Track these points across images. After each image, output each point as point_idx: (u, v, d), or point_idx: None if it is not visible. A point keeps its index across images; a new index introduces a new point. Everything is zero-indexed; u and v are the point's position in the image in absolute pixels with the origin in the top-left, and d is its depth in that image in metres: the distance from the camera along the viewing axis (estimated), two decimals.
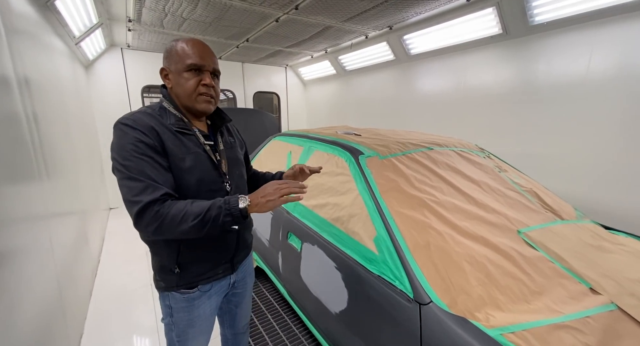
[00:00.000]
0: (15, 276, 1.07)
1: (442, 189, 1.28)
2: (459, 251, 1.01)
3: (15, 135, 1.22)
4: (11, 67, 1.26)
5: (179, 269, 0.91)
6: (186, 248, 0.90)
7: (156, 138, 0.81)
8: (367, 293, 1.09)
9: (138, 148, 0.78)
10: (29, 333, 1.11)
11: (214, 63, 0.90)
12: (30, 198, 1.29)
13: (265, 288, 2.31)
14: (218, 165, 0.93)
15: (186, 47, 0.87)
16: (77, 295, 1.88)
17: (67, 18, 2.31)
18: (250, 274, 1.17)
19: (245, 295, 1.16)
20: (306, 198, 1.59)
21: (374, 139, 1.64)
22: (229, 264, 1.01)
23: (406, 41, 3.53)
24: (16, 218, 1.14)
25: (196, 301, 0.96)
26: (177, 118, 0.89)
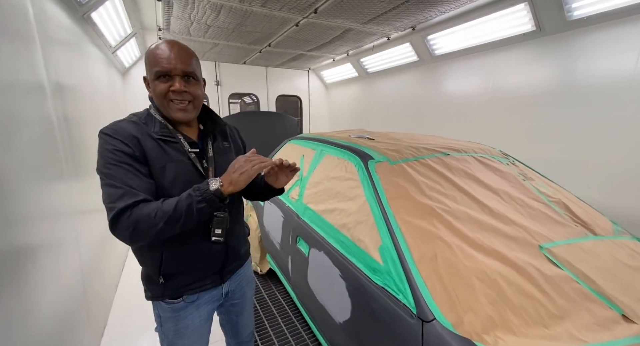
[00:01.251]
0: (39, 270, 1.15)
1: (456, 197, 1.20)
2: (469, 265, 0.93)
3: (46, 138, 1.33)
4: (45, 74, 1.37)
5: (164, 279, 0.90)
6: (169, 258, 0.89)
7: (136, 146, 0.81)
8: (370, 305, 1.05)
9: (117, 156, 0.78)
10: (50, 322, 1.19)
11: (184, 65, 0.84)
12: (57, 197, 1.40)
13: (277, 290, 2.31)
14: (205, 173, 0.91)
15: (156, 51, 0.83)
16: (102, 288, 2.01)
17: (102, 29, 2.50)
18: (249, 283, 1.14)
19: (245, 304, 1.14)
20: (315, 203, 1.57)
21: (387, 144, 1.58)
22: (218, 275, 0.99)
23: (430, 41, 3.41)
24: (44, 215, 1.24)
25: (182, 312, 0.95)
26: (162, 126, 0.88)
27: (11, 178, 1.02)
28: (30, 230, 1.11)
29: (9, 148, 1.03)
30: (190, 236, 0.89)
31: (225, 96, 5.23)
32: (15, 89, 1.10)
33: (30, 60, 1.25)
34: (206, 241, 0.90)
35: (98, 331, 1.80)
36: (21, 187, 1.07)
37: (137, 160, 0.80)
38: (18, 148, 1.09)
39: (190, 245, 0.91)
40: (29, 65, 1.24)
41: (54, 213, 1.34)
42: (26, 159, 1.14)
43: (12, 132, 1.07)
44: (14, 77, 1.10)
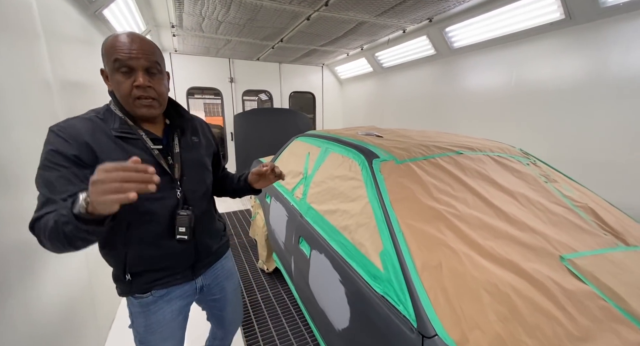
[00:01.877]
0: (42, 264, 1.17)
1: (467, 201, 1.11)
2: (478, 276, 0.85)
3: None
4: (49, 70, 1.38)
5: (131, 277, 0.88)
6: (133, 258, 0.86)
7: (82, 147, 0.74)
8: (369, 315, 0.98)
9: (54, 158, 0.71)
10: (54, 315, 1.21)
11: (147, 56, 0.77)
12: None
13: (283, 289, 2.28)
14: (170, 171, 0.87)
15: (115, 41, 0.76)
16: (111, 282, 2.04)
17: (115, 26, 2.54)
18: (228, 278, 1.11)
19: (227, 299, 1.12)
20: (318, 203, 1.51)
21: (395, 141, 1.50)
22: (190, 270, 0.96)
23: (448, 34, 3.24)
24: None
25: (152, 306, 0.92)
26: (122, 122, 0.82)
27: (17, 173, 1.03)
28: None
29: (13, 143, 1.04)
30: (153, 235, 0.86)
31: (239, 93, 5.25)
32: (20, 85, 1.11)
33: (34, 59, 1.26)
34: (171, 240, 0.87)
35: (106, 325, 1.83)
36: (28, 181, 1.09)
37: (76, 164, 0.73)
38: (22, 144, 1.10)
39: (154, 245, 0.87)
40: (33, 63, 1.25)
41: None
42: (30, 154, 1.15)
43: (17, 128, 1.08)
44: (17, 74, 1.11)
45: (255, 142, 4.82)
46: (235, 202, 4.76)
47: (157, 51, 0.83)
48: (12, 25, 1.13)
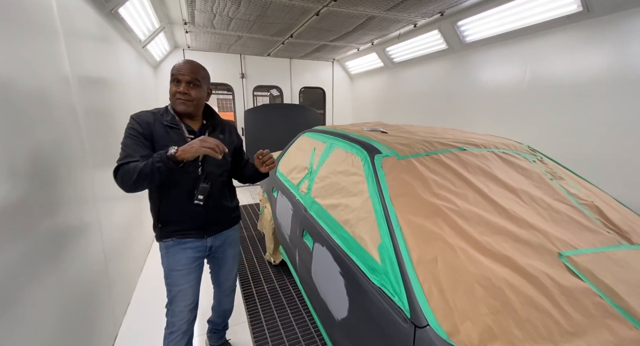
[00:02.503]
0: (67, 248, 1.25)
1: (467, 197, 1.12)
2: (473, 270, 0.86)
3: (68, 127, 1.43)
4: (68, 66, 1.46)
5: (161, 225, 1.25)
6: (164, 210, 1.23)
7: (146, 126, 1.16)
8: (367, 306, 1.01)
9: (132, 131, 1.15)
10: (73, 297, 1.30)
11: (190, 75, 1.17)
12: (81, 183, 1.50)
13: (289, 281, 2.34)
14: (197, 156, 1.12)
15: (176, 65, 1.19)
16: (126, 269, 2.15)
17: (131, 24, 2.62)
18: (231, 245, 1.44)
19: (225, 261, 1.44)
20: (322, 197, 1.54)
21: (399, 137, 1.51)
22: (201, 230, 1.29)
23: (461, 28, 3.17)
24: (68, 200, 1.34)
25: (171, 249, 1.26)
26: (172, 117, 1.22)
27: (43, 165, 1.10)
28: (52, 215, 1.21)
29: (35, 138, 1.12)
30: (178, 197, 1.22)
31: (250, 88, 5.31)
32: (36, 81, 1.19)
33: (54, 55, 1.34)
34: (190, 203, 1.22)
35: (120, 310, 1.94)
36: (52, 173, 1.17)
37: (143, 136, 1.14)
38: (43, 138, 1.18)
39: (179, 203, 1.23)
40: (53, 59, 1.33)
41: (77, 199, 1.45)
42: (50, 147, 1.23)
43: (38, 123, 1.15)
44: (35, 70, 1.18)
45: (265, 137, 4.88)
46: (245, 196, 4.86)
47: (200, 72, 1.21)
48: (34, 24, 1.20)
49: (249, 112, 4.91)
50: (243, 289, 2.26)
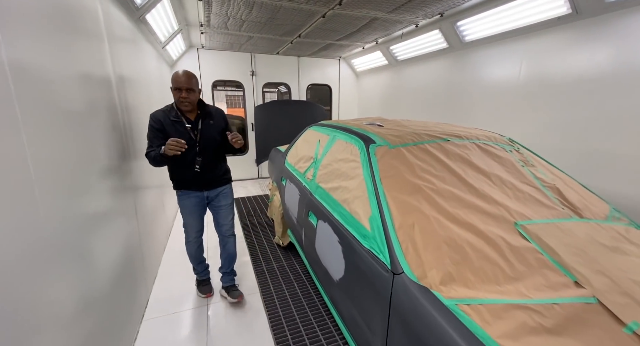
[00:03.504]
0: (108, 228, 1.52)
1: (445, 179, 1.33)
2: (442, 233, 1.09)
3: (112, 123, 1.69)
4: (111, 68, 1.72)
5: (174, 182, 1.91)
6: (175, 174, 1.88)
7: (159, 123, 1.75)
8: (358, 264, 1.25)
9: (151, 127, 1.76)
10: (119, 267, 1.58)
11: (187, 85, 1.70)
12: (121, 174, 1.77)
13: (296, 261, 2.59)
14: (194, 138, 1.79)
15: (175, 76, 1.71)
16: (154, 248, 2.44)
17: (154, 27, 2.88)
18: (224, 198, 2.01)
19: (221, 208, 2.01)
20: (325, 182, 1.78)
21: (393, 130, 1.72)
22: (199, 186, 1.91)
23: (460, 28, 3.34)
24: (112, 187, 1.61)
25: (181, 196, 1.92)
26: (175, 113, 1.78)
27: (90, 158, 1.37)
28: (106, 198, 1.47)
29: (87, 131, 1.38)
30: (183, 166, 1.83)
31: (260, 85, 5.55)
32: (91, 81, 1.45)
33: (102, 57, 1.60)
34: (191, 170, 1.83)
35: (150, 281, 2.23)
36: (96, 164, 1.43)
37: (158, 131, 1.74)
38: (94, 132, 1.44)
39: (184, 170, 1.84)
40: (101, 60, 1.59)
41: (120, 186, 1.71)
42: (100, 141, 1.49)
43: (89, 118, 1.41)
44: (90, 71, 1.44)
45: (274, 132, 5.13)
46: (255, 188, 5.13)
47: (193, 81, 1.73)
48: (87, 30, 1.45)
49: (259, 108, 5.16)
50: (255, 266, 2.52)
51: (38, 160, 0.94)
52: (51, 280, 0.97)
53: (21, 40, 0.92)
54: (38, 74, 0.99)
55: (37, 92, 0.98)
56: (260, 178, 5.83)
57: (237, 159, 5.30)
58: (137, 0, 2.25)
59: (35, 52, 0.99)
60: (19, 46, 0.90)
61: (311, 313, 1.94)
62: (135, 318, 1.82)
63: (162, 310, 2.00)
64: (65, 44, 1.21)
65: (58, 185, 1.05)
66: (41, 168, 0.95)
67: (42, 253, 0.93)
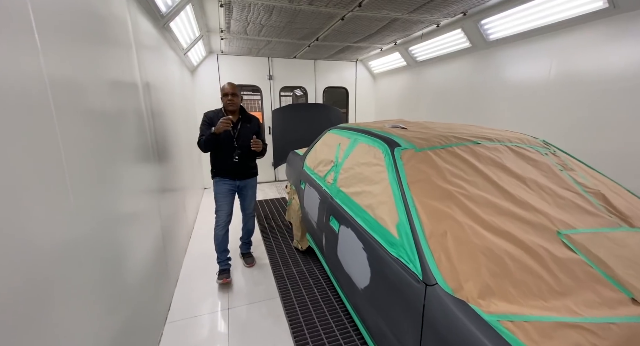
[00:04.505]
0: (136, 230, 1.55)
1: (477, 184, 1.26)
2: (477, 242, 1.02)
3: (139, 127, 1.73)
4: (138, 74, 1.77)
5: (213, 169, 2.39)
6: (215, 162, 2.36)
7: (210, 119, 2.29)
8: (386, 273, 1.20)
9: (204, 121, 2.31)
10: (144, 269, 1.60)
11: (232, 91, 2.27)
12: (146, 176, 1.81)
13: (315, 266, 2.56)
14: (233, 134, 2.29)
15: (223, 87, 2.29)
16: (176, 251, 2.48)
17: (178, 34, 2.96)
18: (251, 188, 2.50)
19: (247, 196, 2.51)
20: (347, 186, 1.74)
21: (418, 132, 1.66)
22: (233, 176, 2.38)
23: (484, 26, 3.22)
24: (138, 190, 1.64)
25: (217, 182, 2.38)
26: (223, 114, 2.28)
27: (119, 161, 1.40)
28: (131, 200, 1.50)
29: (118, 135, 1.41)
30: (223, 157, 2.31)
31: (277, 89, 5.60)
32: (120, 87, 1.48)
33: (130, 64, 1.64)
34: (230, 160, 2.30)
35: (172, 284, 2.26)
36: (125, 167, 1.46)
37: (209, 124, 2.27)
38: (123, 135, 1.47)
39: (224, 160, 2.32)
40: (130, 67, 1.63)
41: (145, 188, 1.75)
42: (128, 145, 1.52)
43: (120, 123, 1.45)
44: (120, 78, 1.48)
45: (291, 135, 5.15)
46: (272, 191, 5.16)
47: (236, 89, 2.30)
48: (118, 39, 1.50)
49: (276, 111, 5.20)
50: (274, 270, 2.51)
51: (72, 162, 0.96)
52: (78, 282, 0.98)
53: (58, 50, 0.95)
54: (72, 81, 1.02)
55: (72, 98, 1.01)
56: (277, 181, 5.86)
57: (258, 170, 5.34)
58: (162, 9, 2.31)
59: (70, 61, 1.02)
60: (56, 56, 0.93)
61: (332, 320, 1.90)
62: (159, 320, 1.84)
63: (185, 313, 2.01)
64: (96, 53, 1.24)
65: (89, 185, 1.08)
66: (74, 170, 0.97)
67: (73, 253, 0.95)
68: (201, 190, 4.97)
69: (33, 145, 0.80)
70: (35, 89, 0.82)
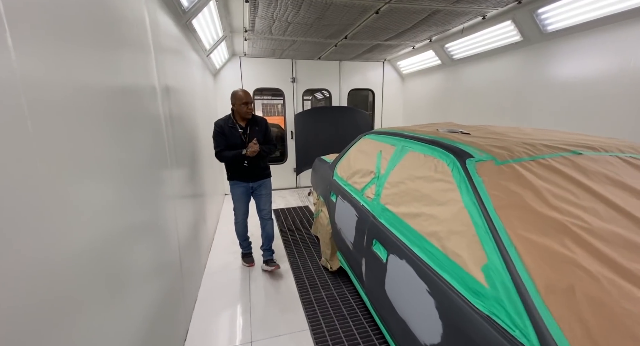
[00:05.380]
0: (144, 247, 1.31)
1: (598, 211, 0.91)
2: (631, 309, 0.67)
3: (156, 133, 1.50)
4: (156, 78, 1.55)
5: (229, 174, 2.45)
6: (231, 168, 2.42)
7: (221, 128, 2.31)
8: (469, 334, 0.87)
9: (215, 131, 2.32)
10: (157, 296, 1.35)
11: (250, 99, 2.31)
12: (163, 184, 1.57)
13: (347, 290, 2.24)
14: (243, 139, 2.34)
15: (241, 93, 2.29)
16: (194, 267, 2.24)
17: (200, 34, 2.78)
18: (265, 188, 2.53)
19: (262, 196, 2.53)
20: (396, 205, 1.42)
21: (488, 139, 1.32)
22: (246, 178, 2.43)
23: (541, 16, 2.81)
24: (150, 199, 1.40)
25: (233, 185, 2.45)
26: (232, 121, 2.35)
27: (131, 167, 1.16)
28: (144, 210, 1.26)
29: (131, 139, 1.18)
30: (239, 163, 2.35)
31: (300, 93, 5.37)
32: (137, 91, 1.26)
33: (146, 67, 1.42)
34: (242, 165, 2.36)
35: (190, 306, 2.02)
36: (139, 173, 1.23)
37: (221, 133, 2.31)
38: (136, 138, 1.24)
39: (237, 166, 2.37)
40: (146, 71, 1.41)
41: (161, 197, 1.51)
42: (144, 151, 1.29)
43: (133, 128, 1.22)
44: (136, 82, 1.26)
45: (315, 140, 4.87)
46: (294, 198, 4.90)
47: (250, 98, 2.32)
48: (133, 41, 1.28)
49: (299, 115, 4.96)
50: (301, 295, 2.21)
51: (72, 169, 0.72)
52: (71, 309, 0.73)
53: (76, 54, 0.84)
54: (90, 84, 0.90)
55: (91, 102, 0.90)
56: (299, 187, 5.59)
57: (275, 168, 5.11)
58: (184, 3, 2.11)
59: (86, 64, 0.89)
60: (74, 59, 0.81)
61: None
62: None
63: (204, 344, 1.76)
64: (114, 55, 1.03)
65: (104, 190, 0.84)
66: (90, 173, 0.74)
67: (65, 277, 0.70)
68: (222, 197, 4.80)
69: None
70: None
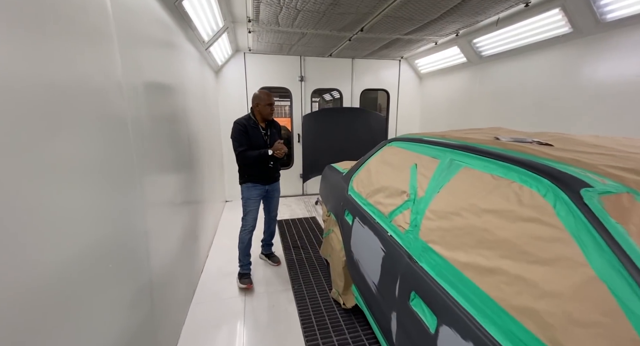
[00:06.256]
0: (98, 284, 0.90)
1: None
2: None
3: (116, 135, 1.10)
4: (121, 72, 1.15)
5: (246, 176, 2.39)
6: (249, 171, 2.37)
7: (244, 128, 2.30)
8: None
9: (239, 130, 2.29)
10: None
11: (272, 101, 2.35)
12: (124, 192, 1.17)
13: (365, 335, 1.80)
14: (265, 139, 2.38)
15: (265, 95, 2.33)
16: (175, 308, 1.83)
17: (196, 21, 2.40)
18: (276, 192, 2.59)
19: (272, 199, 2.58)
20: (447, 246, 0.98)
21: (593, 155, 0.88)
22: (265, 181, 2.43)
23: (599, 2, 2.35)
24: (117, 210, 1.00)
25: (249, 188, 2.40)
26: (253, 121, 2.37)
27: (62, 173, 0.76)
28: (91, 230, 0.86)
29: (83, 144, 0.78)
30: (263, 164, 2.37)
31: (309, 92, 4.96)
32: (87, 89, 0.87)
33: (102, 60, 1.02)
34: (266, 166, 2.39)
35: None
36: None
37: (245, 133, 2.30)
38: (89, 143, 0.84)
39: (259, 167, 2.37)
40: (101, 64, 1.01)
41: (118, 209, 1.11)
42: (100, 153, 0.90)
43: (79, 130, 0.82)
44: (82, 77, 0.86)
45: (324, 144, 4.46)
46: (300, 207, 4.49)
47: (273, 99, 2.36)
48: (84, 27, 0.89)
49: (307, 117, 4.55)
50: (306, 337, 1.78)
51: None
52: None
53: None
54: None
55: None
56: (306, 195, 5.18)
57: (280, 173, 4.71)
58: None
59: None
60: None
61: None
62: None
63: None
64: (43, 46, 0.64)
65: None
66: None
67: None
68: (222, 204, 4.41)
69: None
70: None
